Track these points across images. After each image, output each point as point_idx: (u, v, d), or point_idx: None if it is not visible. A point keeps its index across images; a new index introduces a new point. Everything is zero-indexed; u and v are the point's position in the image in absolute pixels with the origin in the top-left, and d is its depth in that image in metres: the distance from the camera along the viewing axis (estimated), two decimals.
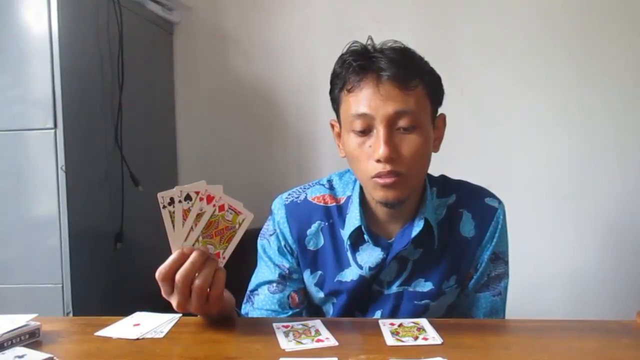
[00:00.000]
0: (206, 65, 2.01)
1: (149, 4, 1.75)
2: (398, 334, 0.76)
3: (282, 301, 1.01)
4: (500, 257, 1.01)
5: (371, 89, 0.87)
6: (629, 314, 0.85)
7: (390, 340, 0.74)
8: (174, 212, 0.76)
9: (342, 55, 0.92)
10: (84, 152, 1.40)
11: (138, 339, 0.76)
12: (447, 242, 0.98)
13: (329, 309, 1.03)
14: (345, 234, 0.98)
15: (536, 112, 1.85)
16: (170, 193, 0.76)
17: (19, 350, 0.71)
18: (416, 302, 0.98)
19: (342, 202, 1.01)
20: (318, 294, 1.01)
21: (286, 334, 0.76)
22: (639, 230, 1.84)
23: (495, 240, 0.99)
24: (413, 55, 0.92)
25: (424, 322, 0.80)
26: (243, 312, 1.03)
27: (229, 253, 0.79)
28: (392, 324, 0.79)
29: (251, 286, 1.04)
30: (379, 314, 0.99)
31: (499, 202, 1.02)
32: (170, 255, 0.76)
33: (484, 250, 0.99)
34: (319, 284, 1.01)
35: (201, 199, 0.76)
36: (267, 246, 1.04)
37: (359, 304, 1.00)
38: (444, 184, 1.03)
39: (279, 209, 1.03)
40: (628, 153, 1.83)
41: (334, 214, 1.01)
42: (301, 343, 0.73)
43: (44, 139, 1.30)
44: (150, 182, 1.64)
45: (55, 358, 0.69)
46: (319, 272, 1.01)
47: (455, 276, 0.98)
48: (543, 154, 1.86)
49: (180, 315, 0.83)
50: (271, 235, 1.03)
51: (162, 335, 0.78)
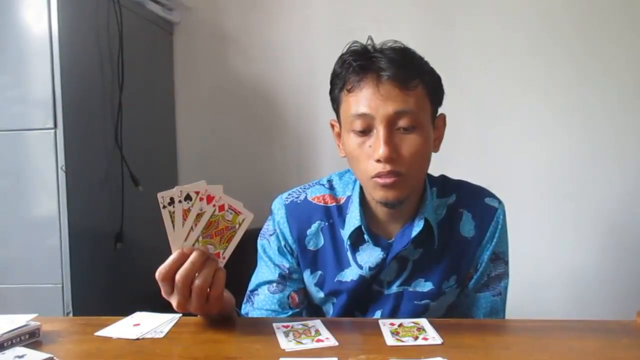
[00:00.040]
0: (206, 65, 2.02)
1: (149, 4, 1.75)
2: (398, 334, 0.76)
3: (282, 301, 1.01)
4: (500, 257, 1.01)
5: (371, 89, 0.87)
6: (629, 314, 0.85)
7: (390, 340, 0.74)
8: (174, 212, 0.76)
9: (342, 55, 0.92)
10: (84, 152, 1.40)
11: (138, 339, 0.76)
12: (447, 242, 0.98)
13: (329, 309, 1.03)
14: (345, 234, 0.98)
15: (536, 112, 1.85)
16: (170, 193, 0.76)
17: (19, 350, 0.71)
18: (416, 302, 0.98)
19: (342, 202, 1.01)
20: (318, 294, 1.01)
21: (286, 334, 0.76)
22: (639, 230, 1.84)
23: (495, 240, 0.99)
24: (413, 55, 0.92)
25: (424, 322, 0.80)
26: (243, 312, 1.03)
27: (229, 253, 0.79)
28: (392, 324, 0.79)
29: (251, 286, 1.04)
30: (379, 314, 0.99)
31: (499, 202, 1.02)
32: (170, 255, 0.76)
33: (484, 250, 0.99)
34: (319, 284, 1.01)
35: (201, 199, 0.76)
36: (267, 246, 1.04)
37: (359, 304, 1.00)
38: (444, 184, 1.03)
39: (279, 209, 1.03)
40: (628, 153, 1.83)
41: (334, 214, 1.01)
42: (301, 343, 0.73)
43: (44, 139, 1.30)
44: (150, 182, 1.64)
45: (55, 358, 0.69)
46: (319, 272, 1.01)
47: (455, 276, 0.98)
48: (543, 154, 1.86)
49: (180, 315, 0.83)
50: (271, 235, 1.03)
51: (162, 335, 0.78)
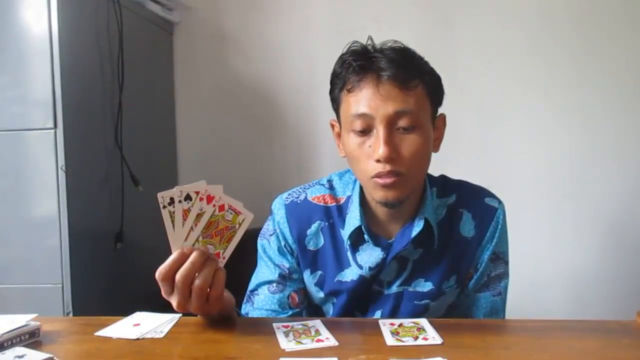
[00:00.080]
0: (206, 65, 2.02)
1: (149, 4, 1.75)
2: (398, 334, 0.76)
3: (282, 301, 1.01)
4: (500, 257, 1.01)
5: (371, 89, 0.87)
6: (629, 314, 0.85)
7: (390, 340, 0.74)
8: (174, 212, 0.76)
9: (342, 55, 0.92)
10: (84, 152, 1.40)
11: (138, 339, 0.76)
12: (447, 242, 0.98)
13: (329, 309, 1.03)
14: (345, 233, 0.98)
15: (536, 112, 1.85)
16: (170, 193, 0.76)
17: (19, 350, 0.71)
18: (416, 302, 0.98)
19: (342, 202, 1.01)
20: (318, 294, 1.01)
21: (286, 334, 0.76)
22: (639, 230, 1.84)
23: (495, 240, 0.99)
24: (413, 55, 0.92)
25: (424, 322, 0.80)
26: (243, 312, 1.03)
27: (229, 253, 0.79)
28: (392, 324, 0.79)
29: (251, 286, 1.04)
30: (379, 314, 0.99)
31: (499, 202, 1.02)
32: (170, 255, 0.76)
33: (484, 250, 0.99)
34: (319, 283, 1.01)
35: (201, 199, 0.76)
36: (267, 246, 1.04)
37: (359, 304, 1.00)
38: (444, 184, 1.03)
39: (279, 209, 1.03)
40: (628, 153, 1.83)
41: (334, 214, 1.01)
42: (301, 343, 0.73)
43: (44, 139, 1.30)
44: (150, 182, 1.64)
45: (55, 358, 0.69)
46: (319, 272, 1.01)
47: (455, 276, 0.98)
48: (543, 154, 1.86)
49: (180, 315, 0.83)
50: (271, 235, 1.03)
51: (162, 335, 0.78)
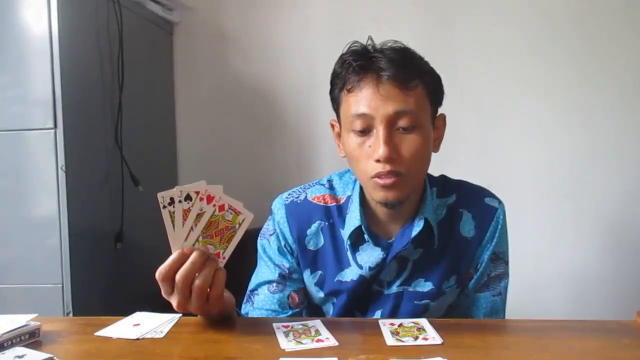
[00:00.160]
0: (206, 65, 2.02)
1: (149, 4, 1.75)
2: (398, 334, 0.76)
3: (282, 301, 1.01)
4: (501, 257, 1.01)
5: (371, 89, 0.87)
6: (629, 314, 0.85)
7: (390, 340, 0.74)
8: (174, 212, 0.76)
9: (342, 55, 0.92)
10: (84, 152, 1.40)
11: (138, 339, 0.76)
12: (447, 242, 0.98)
13: (329, 308, 1.03)
14: (345, 233, 0.98)
15: (536, 112, 1.85)
16: (170, 193, 0.76)
17: (19, 350, 0.71)
18: (416, 302, 0.98)
19: (342, 202, 1.01)
20: (318, 294, 1.01)
21: (286, 334, 0.76)
22: (639, 230, 1.84)
23: (495, 240, 0.99)
24: (413, 55, 0.92)
25: (424, 322, 0.80)
26: (243, 312, 1.03)
27: (229, 253, 0.79)
28: (392, 324, 0.79)
29: (251, 286, 1.04)
30: (379, 314, 0.99)
31: (499, 202, 1.02)
32: (170, 255, 0.76)
33: (484, 250, 0.99)
34: (319, 283, 1.01)
35: (201, 199, 0.76)
36: (267, 246, 1.04)
37: (359, 303, 1.00)
38: (444, 184, 1.03)
39: (279, 208, 1.03)
40: (628, 153, 1.83)
41: (334, 214, 1.01)
42: (301, 343, 0.73)
43: (44, 139, 1.30)
44: (150, 182, 1.64)
45: (55, 358, 0.69)
46: (319, 272, 1.01)
47: (455, 276, 0.98)
48: (543, 154, 1.86)
49: (180, 315, 0.83)
50: (271, 235, 1.03)
51: (162, 335, 0.78)
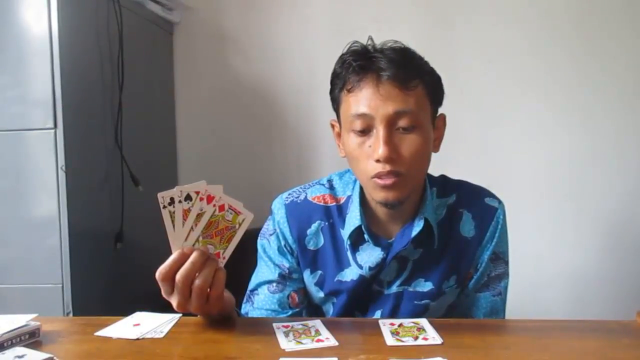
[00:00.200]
0: (206, 65, 2.02)
1: (149, 4, 1.75)
2: (398, 334, 0.76)
3: (282, 301, 1.01)
4: (501, 257, 1.01)
5: (371, 89, 0.87)
6: (629, 314, 0.85)
7: (390, 340, 0.74)
8: (174, 212, 0.76)
9: (342, 55, 0.92)
10: (84, 152, 1.40)
11: (138, 339, 0.76)
12: (447, 242, 0.98)
13: (329, 308, 1.03)
14: (345, 233, 0.98)
15: (536, 112, 1.85)
16: (170, 193, 0.76)
17: (19, 350, 0.71)
18: (416, 302, 0.98)
19: (342, 201, 1.01)
20: (318, 294, 1.01)
21: (286, 334, 0.76)
22: (639, 230, 1.84)
23: (495, 240, 0.99)
24: (413, 55, 0.92)
25: (424, 322, 0.80)
26: (243, 312, 1.03)
27: (229, 253, 0.79)
28: (392, 324, 0.79)
29: (251, 286, 1.04)
30: (379, 314, 0.99)
31: (499, 202, 1.02)
32: (170, 255, 0.76)
33: (484, 250, 0.99)
34: (319, 283, 1.01)
35: (201, 199, 0.76)
36: (267, 246, 1.04)
37: (359, 303, 1.00)
38: (444, 184, 1.03)
39: (279, 208, 1.03)
40: (628, 153, 1.83)
41: (334, 214, 1.01)
42: (301, 343, 0.73)
43: (44, 139, 1.30)
44: (150, 182, 1.64)
45: (55, 358, 0.69)
46: (319, 272, 1.01)
47: (455, 276, 0.98)
48: (543, 154, 1.86)
49: (180, 315, 0.83)
50: (271, 235, 1.03)
51: (162, 335, 0.78)
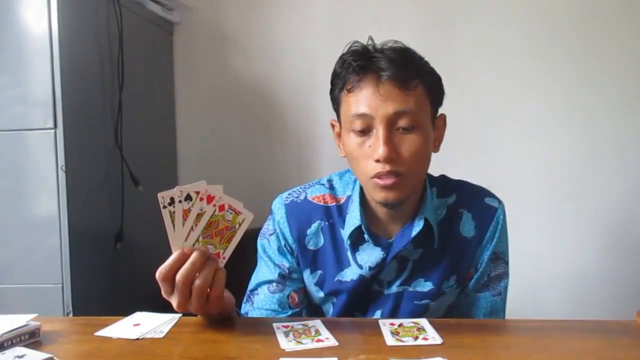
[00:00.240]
0: (206, 65, 2.02)
1: (149, 4, 1.75)
2: (398, 334, 0.76)
3: (282, 301, 1.01)
4: (501, 257, 1.01)
5: (371, 89, 0.87)
6: (629, 314, 0.85)
7: (390, 340, 0.74)
8: (174, 212, 0.76)
9: (342, 55, 0.92)
10: (84, 152, 1.40)
11: (138, 339, 0.76)
12: (447, 242, 0.98)
13: (328, 308, 1.03)
14: (345, 233, 0.98)
15: (536, 112, 1.85)
16: (170, 193, 0.76)
17: (19, 350, 0.71)
18: (416, 302, 0.98)
19: (342, 201, 1.01)
20: (318, 294, 1.01)
21: (286, 334, 0.76)
22: (639, 230, 1.84)
23: (495, 240, 0.99)
24: (413, 55, 0.92)
25: (424, 322, 0.80)
26: (243, 311, 1.03)
27: (229, 253, 0.79)
28: (392, 324, 0.79)
29: (251, 286, 1.04)
30: (379, 314, 0.99)
31: (499, 202, 1.02)
32: (170, 256, 0.76)
33: (484, 250, 0.99)
34: (319, 283, 1.01)
35: (201, 199, 0.76)
36: (267, 246, 1.04)
37: (359, 303, 1.00)
38: (444, 184, 1.03)
39: (279, 208, 1.03)
40: (628, 153, 1.83)
41: (334, 214, 1.01)
42: (301, 343, 0.73)
43: (44, 139, 1.30)
44: (150, 182, 1.64)
45: (55, 358, 0.69)
46: (319, 272, 1.01)
47: (455, 276, 0.98)
48: (543, 154, 1.86)
49: (180, 315, 0.83)
50: (271, 234, 1.03)
51: (162, 335, 0.78)
